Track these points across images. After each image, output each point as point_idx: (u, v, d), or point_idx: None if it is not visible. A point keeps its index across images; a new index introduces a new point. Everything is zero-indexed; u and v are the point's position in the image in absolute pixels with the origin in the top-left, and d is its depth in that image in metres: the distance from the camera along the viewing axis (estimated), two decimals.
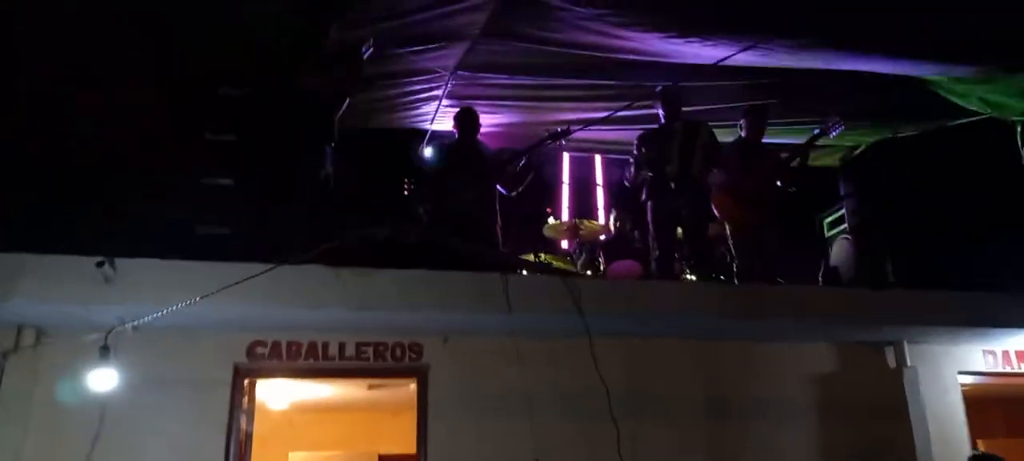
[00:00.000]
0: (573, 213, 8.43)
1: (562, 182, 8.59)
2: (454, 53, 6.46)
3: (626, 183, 6.65)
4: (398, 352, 5.28)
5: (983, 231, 6.57)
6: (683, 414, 5.49)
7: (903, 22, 5.76)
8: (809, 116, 7.48)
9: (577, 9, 5.81)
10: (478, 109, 7.65)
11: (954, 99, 7.12)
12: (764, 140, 7.01)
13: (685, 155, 6.19)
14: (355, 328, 5.15)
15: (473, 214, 5.94)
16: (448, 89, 7.04)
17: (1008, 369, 6.05)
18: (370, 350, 5.21)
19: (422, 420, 5.18)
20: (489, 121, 7.79)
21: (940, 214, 6.49)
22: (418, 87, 6.88)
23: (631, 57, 6.72)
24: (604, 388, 5.11)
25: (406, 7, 5.51)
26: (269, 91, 5.35)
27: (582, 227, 7.38)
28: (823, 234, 7.40)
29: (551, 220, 7.64)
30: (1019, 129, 7.04)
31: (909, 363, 5.70)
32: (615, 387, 5.23)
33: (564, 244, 7.92)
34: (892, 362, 5.76)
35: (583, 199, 8.61)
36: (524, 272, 5.67)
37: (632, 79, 7.17)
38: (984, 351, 6.02)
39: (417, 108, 7.40)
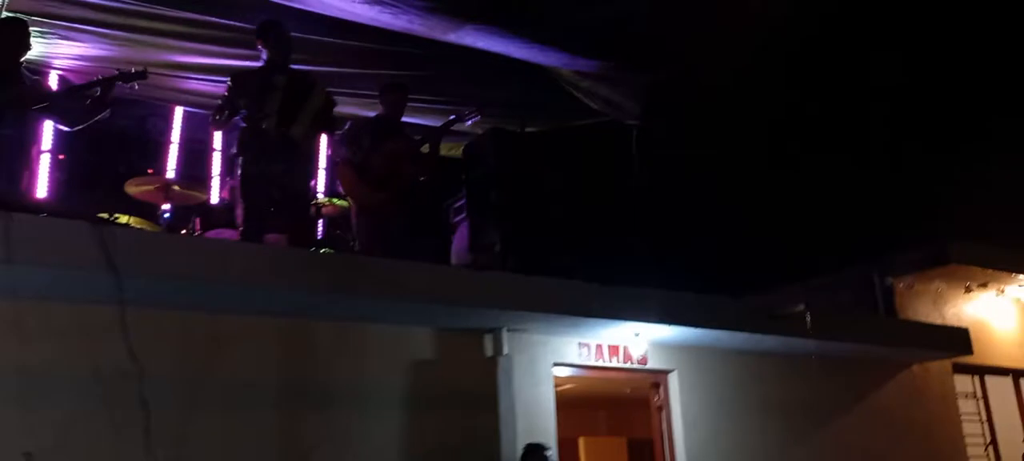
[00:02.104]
0: (179, 175, 7.27)
1: (170, 141, 7.38)
2: None
3: (211, 125, 5.72)
4: None
5: (593, 226, 6.68)
6: (251, 402, 4.69)
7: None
8: (448, 101, 7.22)
9: None
10: (55, 34, 6.29)
11: (581, 97, 7.26)
12: (402, 119, 6.55)
13: (287, 114, 5.32)
14: None
15: None
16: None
17: (600, 362, 6.09)
18: None
19: None
20: (69, 51, 6.44)
21: (554, 206, 6.45)
22: None
23: None
24: (140, 369, 4.14)
25: None
26: None
27: (176, 190, 6.27)
28: (449, 221, 7.10)
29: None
30: (634, 132, 7.35)
31: (505, 351, 5.45)
32: (164, 368, 4.34)
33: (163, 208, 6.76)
34: (490, 350, 5.48)
35: (197, 162, 7.49)
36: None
37: (251, 21, 6.31)
38: (579, 343, 6.00)
39: None
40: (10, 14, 5.56)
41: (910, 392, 7.72)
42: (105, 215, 5.59)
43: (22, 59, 5.10)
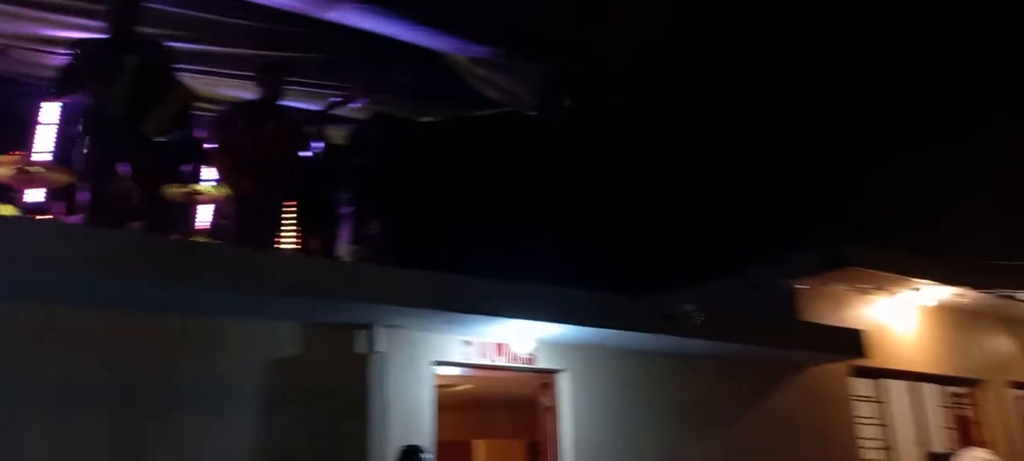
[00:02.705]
0: (53, 157, 6.74)
1: (39, 122, 6.84)
2: None
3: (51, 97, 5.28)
4: None
5: (488, 220, 6.45)
6: (81, 401, 4.30)
7: None
8: (335, 84, 6.88)
9: None
10: None
11: (477, 85, 7.02)
12: (282, 102, 6.20)
13: (138, 105, 4.89)
14: None
15: None
16: None
17: (486, 361, 5.85)
18: None
19: None
20: None
21: (444, 198, 6.20)
22: None
23: None
24: None
25: None
26: None
27: (37, 172, 5.79)
28: (336, 212, 6.77)
29: None
30: (532, 125, 7.13)
31: (379, 348, 5.16)
32: None
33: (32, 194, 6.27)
34: (362, 347, 5.18)
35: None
36: None
37: None
38: (463, 341, 5.75)
39: None
40: None
41: (808, 394, 7.68)
42: None
43: None
